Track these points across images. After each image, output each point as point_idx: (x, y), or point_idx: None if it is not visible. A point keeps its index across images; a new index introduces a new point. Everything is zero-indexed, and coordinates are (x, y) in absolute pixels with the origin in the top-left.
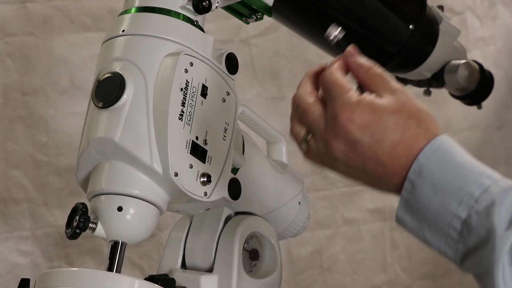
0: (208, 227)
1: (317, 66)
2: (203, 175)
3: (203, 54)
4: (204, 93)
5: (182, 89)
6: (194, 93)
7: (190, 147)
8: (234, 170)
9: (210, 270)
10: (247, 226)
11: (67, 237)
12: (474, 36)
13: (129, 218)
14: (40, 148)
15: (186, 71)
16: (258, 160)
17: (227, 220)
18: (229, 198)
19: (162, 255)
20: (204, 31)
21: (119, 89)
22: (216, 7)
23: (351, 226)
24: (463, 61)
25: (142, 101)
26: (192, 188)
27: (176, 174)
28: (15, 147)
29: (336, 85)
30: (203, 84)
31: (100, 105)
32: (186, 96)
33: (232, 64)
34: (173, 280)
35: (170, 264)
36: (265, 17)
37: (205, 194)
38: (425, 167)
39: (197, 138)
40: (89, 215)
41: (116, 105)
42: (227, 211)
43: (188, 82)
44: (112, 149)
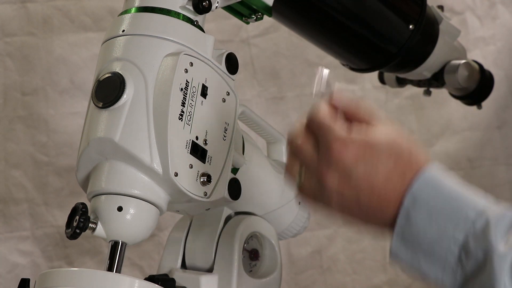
0: (208, 227)
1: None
2: (203, 175)
3: (203, 54)
4: (204, 93)
5: (182, 89)
6: (194, 93)
7: (190, 147)
8: (234, 170)
9: (210, 270)
10: (247, 226)
11: (67, 237)
12: (474, 36)
13: (129, 218)
14: (40, 148)
15: (186, 71)
16: (258, 160)
17: (227, 220)
18: (229, 198)
19: (162, 255)
20: (204, 31)
21: (119, 89)
22: (216, 7)
23: (351, 226)
24: (463, 61)
25: (142, 101)
26: (192, 188)
27: (176, 174)
28: (15, 147)
29: (326, 120)
30: (203, 84)
31: (100, 105)
32: (186, 96)
33: (232, 64)
34: (173, 280)
35: (170, 264)
36: (265, 17)
37: (205, 194)
38: (419, 196)
39: (197, 138)
40: (89, 215)
41: (116, 105)
42: (227, 211)
43: (188, 82)
44: (112, 149)
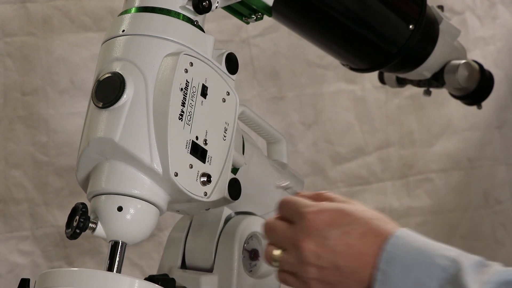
0: (208, 227)
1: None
2: (203, 175)
3: (203, 54)
4: (204, 93)
5: (182, 89)
6: (194, 93)
7: (190, 147)
8: (234, 170)
9: (210, 270)
10: (247, 226)
11: (67, 237)
12: (474, 36)
13: (129, 218)
14: (40, 148)
15: (186, 71)
16: (258, 160)
17: (227, 220)
18: (229, 198)
19: (162, 255)
20: (204, 31)
21: (119, 89)
22: (216, 7)
23: None
24: (463, 61)
25: (142, 101)
26: (192, 188)
27: (176, 174)
28: (15, 147)
29: (297, 199)
30: (203, 84)
31: (100, 105)
32: (186, 96)
33: (232, 64)
34: (173, 280)
35: (170, 264)
36: (265, 17)
37: (205, 194)
38: (394, 253)
39: (197, 138)
40: (89, 215)
41: (116, 105)
42: (227, 211)
43: (188, 82)
44: (112, 149)
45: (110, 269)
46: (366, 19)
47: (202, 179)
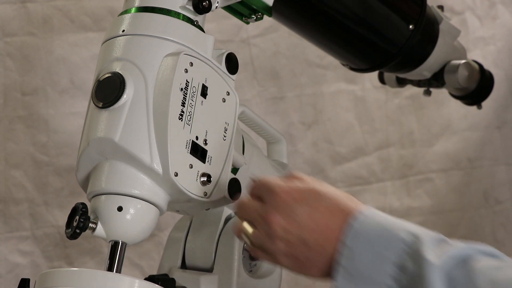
0: (208, 227)
1: None
2: (203, 175)
3: (203, 54)
4: (204, 93)
5: (182, 89)
6: (194, 93)
7: (190, 147)
8: (234, 170)
9: (210, 270)
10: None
11: (67, 237)
12: (474, 36)
13: (129, 218)
14: (40, 148)
15: (186, 71)
16: (258, 160)
17: (227, 220)
18: (229, 198)
19: (162, 255)
20: (204, 31)
21: (119, 89)
22: (216, 7)
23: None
24: (463, 61)
25: (142, 101)
26: (192, 188)
27: (176, 174)
28: (15, 147)
29: (268, 179)
30: (203, 84)
31: (100, 105)
32: (186, 96)
33: (232, 64)
34: (173, 280)
35: (170, 264)
36: (265, 17)
37: (205, 194)
38: (359, 228)
39: (197, 138)
40: (89, 215)
41: (116, 105)
42: (227, 211)
43: (188, 82)
44: (112, 149)
45: (110, 269)
46: (366, 19)
47: (202, 179)
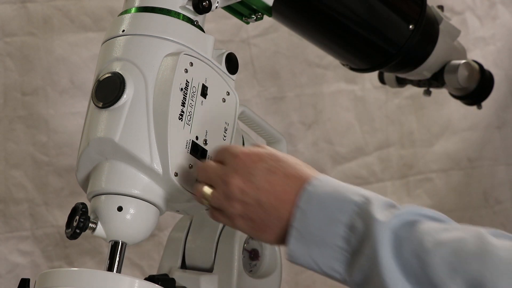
0: (208, 227)
1: None
2: None
3: (203, 54)
4: (204, 93)
5: (182, 89)
6: (194, 93)
7: (190, 147)
8: None
9: (210, 270)
10: None
11: (67, 237)
12: (474, 36)
13: (129, 218)
14: (40, 148)
15: (186, 71)
16: None
17: None
18: None
19: (162, 255)
20: (204, 31)
21: (119, 89)
22: (216, 7)
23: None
24: (463, 61)
25: (142, 101)
26: (192, 188)
27: (176, 174)
28: (15, 147)
29: (232, 145)
30: (203, 84)
31: (100, 105)
32: (186, 96)
33: (232, 64)
34: (173, 280)
35: (170, 264)
36: (265, 17)
37: None
38: (312, 194)
39: (197, 138)
40: (89, 215)
41: (116, 105)
42: None
43: (188, 82)
44: (112, 149)
45: (110, 269)
46: (366, 19)
47: None
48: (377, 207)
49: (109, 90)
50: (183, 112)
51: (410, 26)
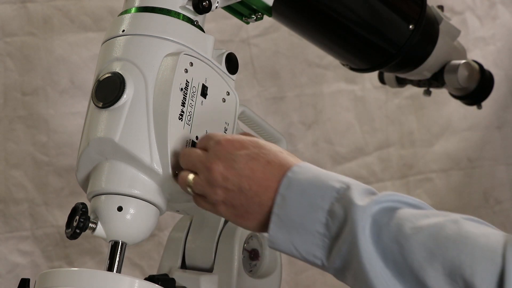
0: (208, 227)
1: None
2: None
3: (203, 54)
4: (204, 93)
5: (182, 89)
6: (194, 93)
7: (190, 147)
8: None
9: (210, 270)
10: None
11: (67, 237)
12: (474, 36)
13: (129, 218)
14: (40, 148)
15: (186, 71)
16: None
17: (227, 220)
18: None
19: (162, 255)
20: (204, 31)
21: (119, 89)
22: (216, 7)
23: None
24: (463, 61)
25: (142, 101)
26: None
27: (176, 174)
28: (15, 147)
29: (216, 133)
30: (203, 84)
31: (100, 105)
32: (186, 96)
33: (232, 64)
34: (173, 280)
35: (170, 264)
36: (265, 17)
37: None
38: (293, 180)
39: (197, 138)
40: (89, 215)
41: (116, 105)
42: None
43: (188, 82)
44: (112, 149)
45: (110, 269)
46: (366, 19)
47: None
48: (357, 193)
49: (109, 90)
50: (183, 112)
51: (410, 26)
